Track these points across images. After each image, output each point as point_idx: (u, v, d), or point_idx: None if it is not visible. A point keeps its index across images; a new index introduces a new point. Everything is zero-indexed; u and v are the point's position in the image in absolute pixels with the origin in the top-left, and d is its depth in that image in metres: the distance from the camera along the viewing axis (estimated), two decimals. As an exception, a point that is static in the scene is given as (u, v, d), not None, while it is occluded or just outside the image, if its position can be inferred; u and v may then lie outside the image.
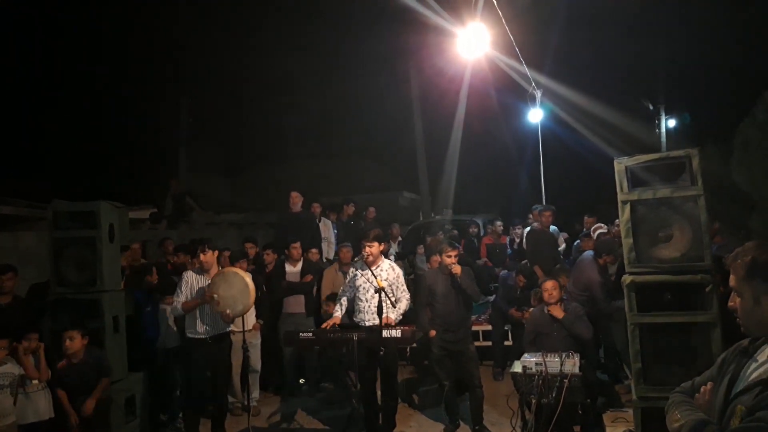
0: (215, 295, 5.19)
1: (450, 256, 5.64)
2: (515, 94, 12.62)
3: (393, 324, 5.08)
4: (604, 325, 6.93)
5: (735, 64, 14.36)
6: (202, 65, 17.01)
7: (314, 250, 7.82)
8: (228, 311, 5.22)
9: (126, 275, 6.31)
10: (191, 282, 5.44)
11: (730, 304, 1.97)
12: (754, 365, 1.88)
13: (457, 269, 5.55)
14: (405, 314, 5.46)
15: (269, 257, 7.50)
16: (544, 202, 9.79)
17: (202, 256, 5.43)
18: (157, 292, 6.28)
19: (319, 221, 9.36)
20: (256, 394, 6.67)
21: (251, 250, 7.61)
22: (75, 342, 4.86)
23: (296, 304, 7.05)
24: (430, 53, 11.92)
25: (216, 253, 5.66)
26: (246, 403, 5.75)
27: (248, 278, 5.38)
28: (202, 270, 5.49)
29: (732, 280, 1.93)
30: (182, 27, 15.92)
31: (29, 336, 4.71)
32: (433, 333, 5.68)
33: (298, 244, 7.32)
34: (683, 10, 14.57)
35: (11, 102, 13.50)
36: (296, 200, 8.95)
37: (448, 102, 14.22)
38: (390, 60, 16.22)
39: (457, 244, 6.21)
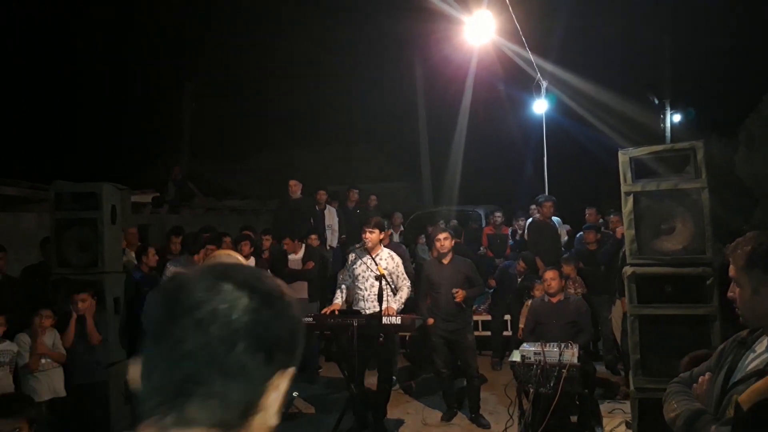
0: None
1: (440, 240, 5.70)
2: (520, 85, 12.56)
3: (395, 314, 5.10)
4: (605, 317, 6.98)
5: (740, 60, 14.28)
6: (206, 51, 16.98)
7: (314, 236, 7.80)
8: None
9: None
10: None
11: (729, 294, 1.97)
12: (752, 356, 1.88)
13: (459, 297, 5.57)
14: (405, 303, 5.49)
15: (267, 242, 7.52)
16: (546, 194, 9.76)
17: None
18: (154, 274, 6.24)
19: (325, 209, 9.37)
20: None
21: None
22: (87, 303, 4.92)
23: (300, 289, 7.07)
24: (435, 41, 11.86)
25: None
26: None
27: (242, 259, 5.38)
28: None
29: (732, 270, 1.92)
30: (187, 12, 15.86)
31: (42, 313, 4.70)
32: (431, 321, 5.70)
33: (289, 240, 7.34)
34: (690, 4, 14.46)
35: (16, 84, 13.49)
36: (295, 188, 9.00)
37: (453, 91, 14.18)
38: (395, 48, 16.16)
39: (452, 231, 6.24)
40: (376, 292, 5.08)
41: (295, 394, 6.51)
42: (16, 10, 13.00)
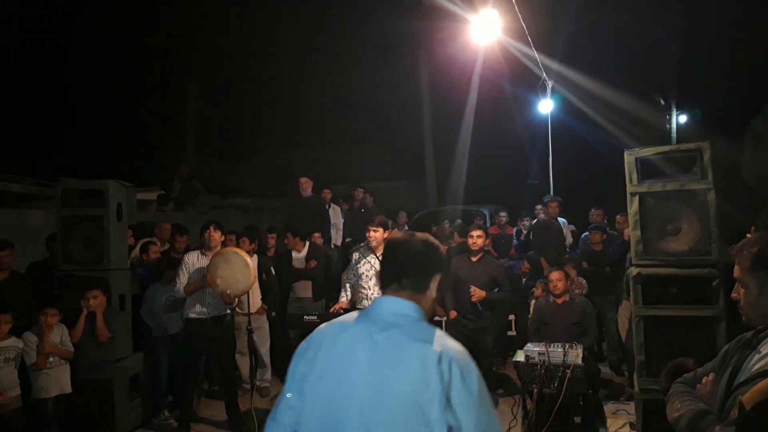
0: (218, 279, 5.18)
1: (473, 236, 5.74)
2: (526, 84, 12.52)
3: None
4: (609, 317, 6.95)
5: (747, 60, 14.21)
6: (211, 49, 16.99)
7: (317, 234, 7.79)
8: (228, 291, 5.21)
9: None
10: (190, 263, 5.43)
11: (733, 295, 1.96)
12: (757, 356, 1.87)
13: (476, 297, 5.58)
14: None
15: (272, 241, 7.53)
16: (552, 194, 9.74)
17: (212, 232, 5.43)
18: (155, 271, 6.25)
19: (329, 207, 9.38)
20: (268, 375, 6.75)
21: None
22: (98, 300, 4.97)
23: (304, 288, 7.06)
24: (440, 40, 11.83)
25: (223, 237, 5.64)
26: (251, 384, 5.76)
27: (248, 258, 5.37)
28: (203, 251, 5.50)
29: (737, 271, 1.91)
30: (192, 11, 15.89)
31: (48, 311, 4.71)
32: (454, 314, 5.72)
33: (290, 236, 7.35)
34: (696, 3, 14.40)
35: (23, 82, 13.54)
36: (306, 185, 9.02)
37: (458, 91, 14.15)
38: (400, 48, 16.13)
39: (459, 230, 6.27)
40: (379, 291, 5.06)
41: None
42: (20, 7, 13.04)
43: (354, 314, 1.91)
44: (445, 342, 1.73)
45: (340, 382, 1.74)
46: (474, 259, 5.79)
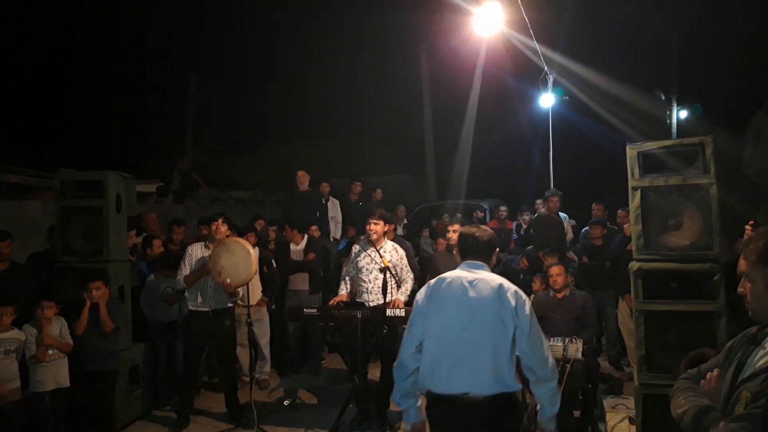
0: (219, 269, 5.16)
1: (449, 231, 5.68)
2: (528, 78, 12.47)
3: (402, 306, 5.08)
4: (609, 312, 6.95)
5: (749, 55, 14.17)
6: (213, 42, 16.94)
7: (314, 227, 7.76)
8: (228, 280, 5.18)
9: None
10: (194, 254, 5.41)
11: (739, 289, 1.94)
12: (761, 352, 1.85)
13: None
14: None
15: (273, 234, 7.51)
16: (552, 188, 9.71)
17: (220, 225, 5.39)
18: (159, 264, 6.24)
19: (328, 201, 9.36)
20: (267, 368, 6.74)
21: (260, 228, 7.62)
22: (101, 291, 4.96)
23: (301, 281, 7.06)
24: (442, 33, 11.77)
25: (229, 232, 5.59)
26: (251, 377, 5.76)
27: (250, 247, 5.34)
28: (207, 243, 5.48)
29: (743, 266, 1.89)
30: (194, 3, 15.82)
31: (44, 304, 4.68)
32: None
33: (288, 228, 7.31)
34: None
35: (23, 73, 13.49)
36: (303, 179, 9.01)
37: (460, 85, 14.09)
38: (401, 40, 16.07)
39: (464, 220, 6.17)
40: (380, 285, 5.07)
41: (286, 402, 6.26)
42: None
43: (453, 272, 3.02)
44: (508, 282, 2.93)
45: (448, 310, 2.88)
46: (455, 252, 5.73)
